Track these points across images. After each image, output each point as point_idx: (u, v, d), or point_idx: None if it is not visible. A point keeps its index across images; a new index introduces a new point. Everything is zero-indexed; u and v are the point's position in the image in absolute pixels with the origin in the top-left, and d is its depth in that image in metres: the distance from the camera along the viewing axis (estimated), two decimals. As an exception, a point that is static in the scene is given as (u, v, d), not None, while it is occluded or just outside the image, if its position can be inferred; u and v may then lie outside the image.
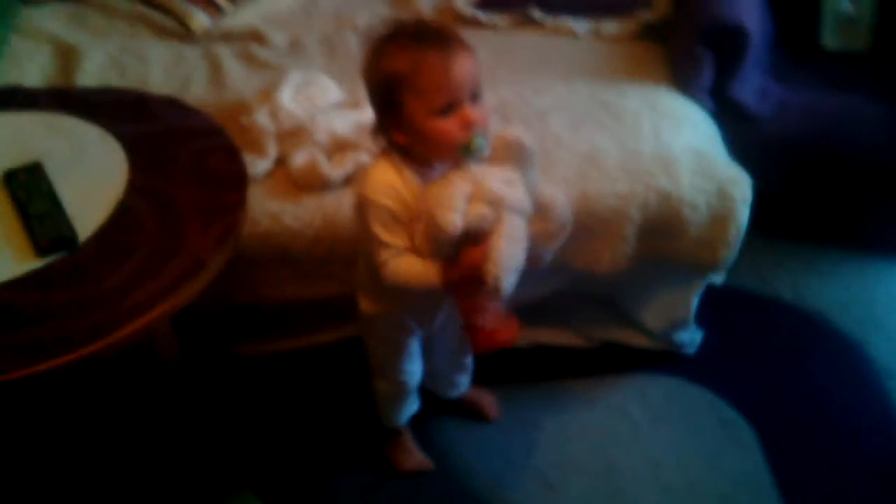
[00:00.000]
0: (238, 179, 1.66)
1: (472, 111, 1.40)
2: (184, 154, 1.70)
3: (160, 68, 2.37)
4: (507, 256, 1.39)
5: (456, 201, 1.38)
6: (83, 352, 1.33)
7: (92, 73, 2.32)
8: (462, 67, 1.39)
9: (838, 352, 2.36)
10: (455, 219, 1.37)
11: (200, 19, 2.54)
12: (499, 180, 1.42)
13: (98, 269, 1.45)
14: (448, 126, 1.39)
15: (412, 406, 1.98)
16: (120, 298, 1.39)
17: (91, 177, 1.64)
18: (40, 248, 1.46)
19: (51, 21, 2.54)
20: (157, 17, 2.58)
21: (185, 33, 2.53)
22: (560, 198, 1.54)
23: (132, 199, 1.57)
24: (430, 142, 1.42)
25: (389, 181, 1.44)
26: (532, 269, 1.49)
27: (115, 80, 2.28)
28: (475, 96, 1.42)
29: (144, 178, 1.62)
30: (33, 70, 2.33)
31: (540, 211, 1.49)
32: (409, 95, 1.39)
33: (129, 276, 1.43)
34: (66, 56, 2.39)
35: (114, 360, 1.84)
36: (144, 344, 1.87)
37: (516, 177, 1.46)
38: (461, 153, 1.41)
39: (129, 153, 1.68)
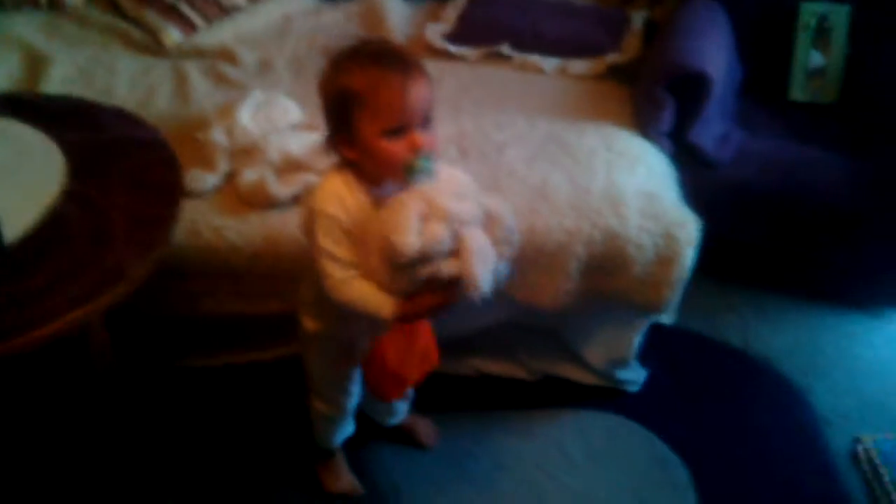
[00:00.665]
0: (173, 193, 1.68)
1: (420, 136, 1.43)
2: (124, 164, 1.73)
3: (127, 80, 2.42)
4: (482, 270, 1.43)
5: (410, 223, 1.40)
6: (-2, 349, 1.35)
7: (58, 80, 2.36)
8: (418, 93, 1.42)
9: (780, 398, 2.37)
10: (411, 241, 1.39)
11: (173, 34, 2.59)
12: (450, 195, 1.44)
13: (20, 271, 1.48)
14: (395, 148, 1.42)
15: (347, 429, 1.99)
16: (38, 301, 1.42)
17: (27, 182, 1.67)
18: (-37, 249, 1.49)
19: (24, 28, 2.59)
20: (130, 29, 2.63)
21: (156, 47, 2.58)
22: (502, 205, 1.55)
23: (64, 206, 1.60)
24: (377, 161, 1.45)
25: (338, 193, 1.47)
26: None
27: (81, 90, 2.31)
28: (427, 121, 1.45)
29: (80, 186, 1.65)
30: (1, 75, 2.37)
31: (486, 220, 1.51)
32: (362, 113, 1.42)
33: (49, 280, 1.46)
34: (35, 63, 2.44)
35: (48, 364, 1.89)
36: (80, 350, 1.90)
37: (466, 188, 1.49)
38: (405, 173, 1.43)
39: (69, 160, 1.71)
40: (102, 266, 1.48)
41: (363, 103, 1.41)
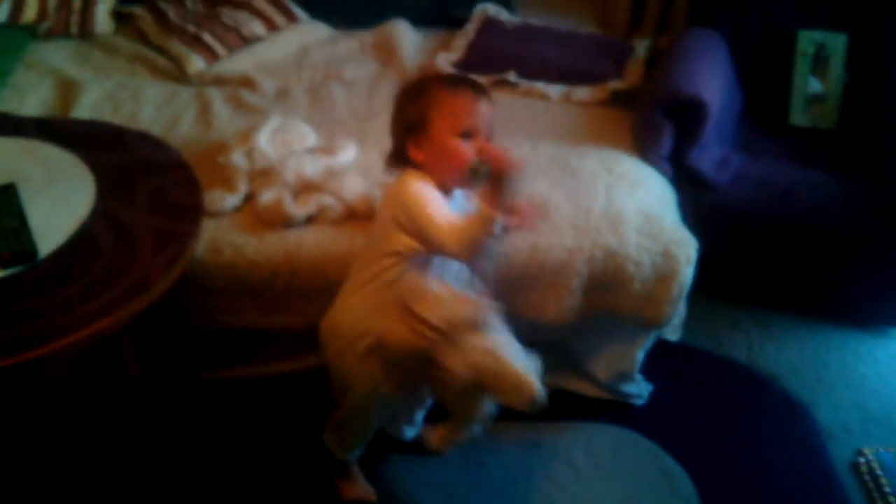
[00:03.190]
0: (194, 211, 1.80)
1: (486, 143, 1.67)
2: (148, 184, 1.84)
3: (152, 106, 2.53)
4: None
5: None
6: (31, 354, 1.46)
7: (88, 106, 2.48)
8: (486, 109, 1.72)
9: (785, 413, 2.42)
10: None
11: (196, 63, 2.70)
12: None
13: (54, 283, 1.59)
14: (465, 147, 1.66)
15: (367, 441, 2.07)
16: (70, 309, 1.53)
17: (60, 200, 1.79)
18: (2, 261, 1.61)
19: (56, 56, 2.72)
20: (156, 58, 2.76)
21: (180, 75, 2.70)
22: None
23: (94, 223, 1.72)
24: (446, 158, 1.68)
25: (421, 180, 1.68)
26: None
27: (109, 115, 2.42)
28: (488, 139, 1.69)
29: (108, 205, 1.77)
30: (34, 101, 2.50)
31: None
32: (439, 115, 1.68)
33: (81, 291, 1.57)
34: (66, 89, 2.56)
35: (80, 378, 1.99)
36: (109, 363, 2.00)
37: None
38: (469, 174, 1.64)
39: (98, 181, 1.83)
40: (129, 278, 1.59)
41: (441, 107, 1.68)
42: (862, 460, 2.28)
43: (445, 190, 1.72)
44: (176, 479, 2.13)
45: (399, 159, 1.75)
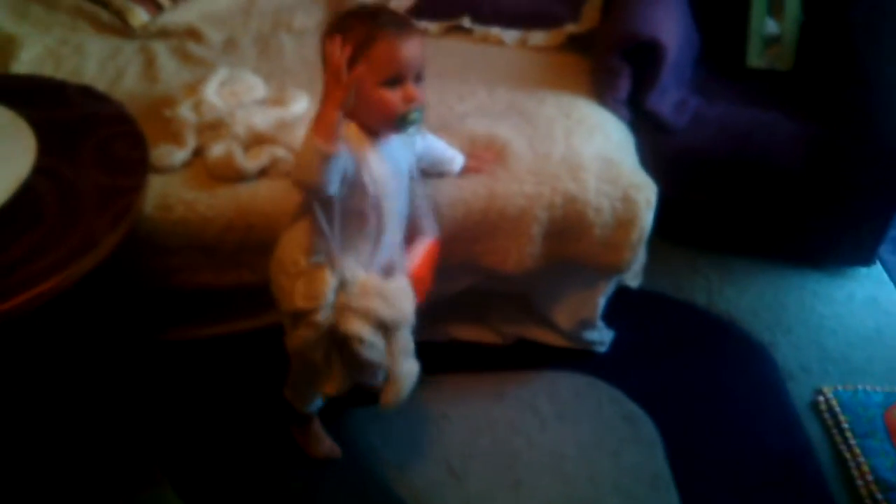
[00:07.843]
0: (139, 166, 1.74)
1: (414, 89, 1.59)
2: (91, 139, 1.78)
3: (96, 61, 2.44)
4: None
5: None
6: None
7: (28, 63, 2.39)
8: (412, 48, 1.59)
9: (744, 355, 2.44)
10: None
11: (139, 15, 2.62)
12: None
13: (-5, 244, 1.53)
14: (392, 97, 1.59)
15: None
16: (12, 271, 1.47)
17: (-1, 158, 1.72)
18: (-62, 223, 1.54)
19: (-9, 11, 2.62)
20: (97, 11, 2.66)
21: (123, 28, 2.62)
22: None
23: (35, 181, 1.65)
24: (373, 109, 1.60)
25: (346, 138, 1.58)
26: None
27: (50, 72, 2.34)
28: (418, 77, 1.61)
29: (50, 161, 1.70)
30: (-32, 58, 2.40)
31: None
32: (361, 65, 1.53)
33: (24, 252, 1.51)
34: (4, 46, 2.46)
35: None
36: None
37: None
38: (398, 123, 1.60)
39: (38, 137, 1.76)
40: (75, 236, 1.53)
41: (361, 55, 1.54)
42: (821, 399, 2.30)
43: (376, 135, 1.66)
44: (139, 439, 2.10)
45: None
